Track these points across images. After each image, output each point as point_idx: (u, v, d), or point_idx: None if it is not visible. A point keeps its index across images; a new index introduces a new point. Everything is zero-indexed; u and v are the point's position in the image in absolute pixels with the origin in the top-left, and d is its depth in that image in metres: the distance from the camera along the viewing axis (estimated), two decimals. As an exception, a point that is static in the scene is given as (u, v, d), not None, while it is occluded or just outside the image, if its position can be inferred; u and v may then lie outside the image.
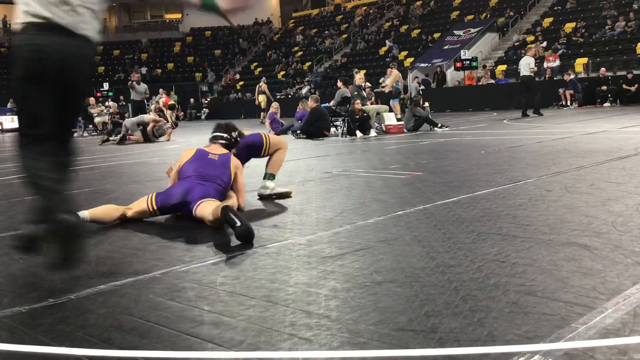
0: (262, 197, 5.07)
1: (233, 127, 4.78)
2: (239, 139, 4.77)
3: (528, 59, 16.28)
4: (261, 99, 22.87)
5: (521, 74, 16.45)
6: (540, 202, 4.26)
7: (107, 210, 4.26)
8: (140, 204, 4.29)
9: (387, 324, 2.14)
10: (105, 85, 28.56)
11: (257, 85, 23.83)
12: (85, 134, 20.02)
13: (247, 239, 3.47)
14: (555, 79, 21.52)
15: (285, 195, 5.08)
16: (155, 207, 4.23)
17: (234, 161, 4.52)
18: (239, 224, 3.45)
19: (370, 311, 2.27)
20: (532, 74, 16.36)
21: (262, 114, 22.22)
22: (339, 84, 14.71)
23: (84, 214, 4.09)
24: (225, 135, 4.69)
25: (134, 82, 16.47)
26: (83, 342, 2.11)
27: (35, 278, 3.00)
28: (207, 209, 3.91)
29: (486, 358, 1.85)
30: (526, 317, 2.14)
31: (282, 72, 33.48)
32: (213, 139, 4.68)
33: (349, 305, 2.35)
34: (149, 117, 14.82)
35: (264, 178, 5.13)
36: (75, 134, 16.37)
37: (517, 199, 4.40)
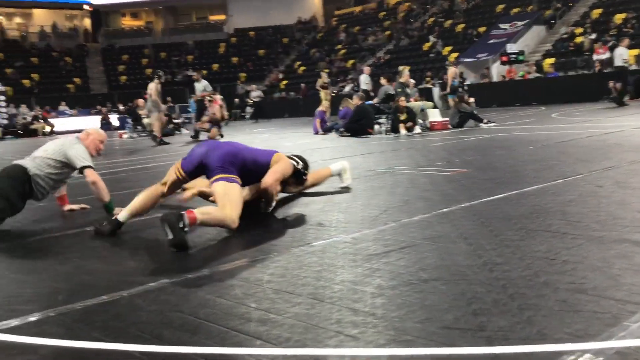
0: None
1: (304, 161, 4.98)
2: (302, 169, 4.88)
3: (622, 50, 16.33)
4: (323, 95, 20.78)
5: (615, 64, 16.54)
6: (591, 198, 4.17)
7: (143, 200, 4.21)
8: (169, 175, 4.26)
9: (434, 322, 2.13)
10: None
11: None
12: (135, 134, 20.46)
13: (178, 249, 3.44)
14: (605, 71, 20.92)
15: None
16: (182, 173, 4.21)
17: (279, 155, 4.56)
18: (170, 237, 3.40)
19: (416, 309, 2.27)
20: (626, 64, 16.37)
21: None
22: (383, 80, 14.66)
23: (123, 215, 4.12)
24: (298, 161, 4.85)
25: (194, 82, 16.77)
26: (136, 339, 2.17)
27: (89, 276, 3.09)
28: (217, 193, 3.97)
29: (535, 357, 1.82)
30: (577, 315, 2.10)
31: (326, 71, 33.49)
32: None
33: (395, 303, 2.35)
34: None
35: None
36: (125, 135, 16.88)
37: (567, 195, 4.31)
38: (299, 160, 4.85)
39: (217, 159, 4.07)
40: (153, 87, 14.84)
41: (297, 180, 4.91)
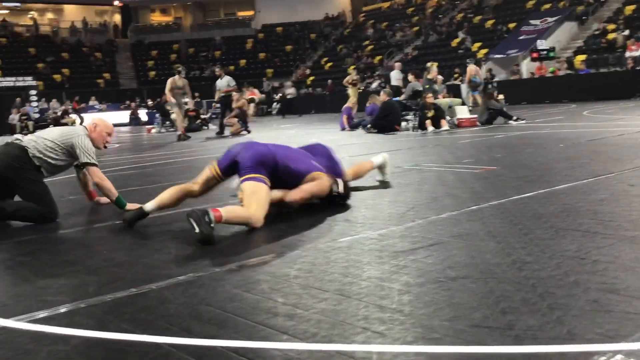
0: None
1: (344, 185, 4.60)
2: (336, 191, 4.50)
3: None
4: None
5: None
6: (622, 197, 4.09)
7: (172, 194, 4.25)
8: (204, 173, 4.29)
9: (462, 320, 2.11)
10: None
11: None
12: (163, 129, 20.66)
13: (205, 244, 3.48)
14: (637, 68, 20.54)
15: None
16: (218, 171, 4.23)
17: (319, 174, 4.36)
18: (196, 230, 3.46)
19: (444, 307, 2.25)
20: None
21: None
22: (410, 77, 14.58)
23: (150, 206, 4.16)
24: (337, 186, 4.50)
25: (217, 78, 16.54)
26: (164, 331, 2.19)
27: (118, 268, 3.14)
28: (245, 191, 3.99)
29: (566, 357, 1.80)
30: (608, 315, 2.07)
31: (353, 67, 33.43)
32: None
33: (423, 301, 2.34)
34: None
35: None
36: (154, 130, 17.09)
37: (598, 194, 4.24)
38: (340, 186, 4.51)
39: (248, 158, 4.08)
40: (168, 83, 15.13)
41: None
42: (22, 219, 4.50)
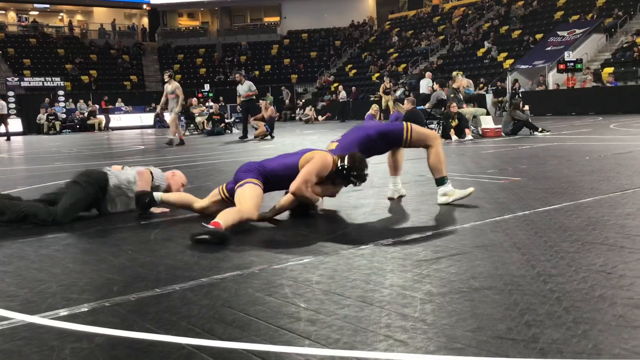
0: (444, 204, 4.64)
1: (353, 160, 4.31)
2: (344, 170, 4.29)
3: None
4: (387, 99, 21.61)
5: None
6: (650, 212, 4.03)
7: (181, 197, 4.74)
8: (213, 195, 4.57)
9: (485, 331, 2.10)
10: (206, 87, 29.65)
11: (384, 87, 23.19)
12: (187, 132, 20.83)
13: (221, 243, 3.63)
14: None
15: (468, 194, 4.63)
16: (226, 193, 4.45)
17: (311, 154, 4.30)
18: (208, 237, 3.63)
19: (467, 317, 2.24)
20: None
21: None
22: (435, 86, 14.53)
23: (158, 195, 4.65)
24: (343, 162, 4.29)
25: (238, 84, 16.54)
26: (187, 332, 2.21)
27: (142, 269, 3.16)
28: (239, 197, 4.14)
29: (591, 372, 1.78)
30: (634, 331, 2.04)
31: (377, 74, 33.41)
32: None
33: (445, 310, 2.33)
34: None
35: (437, 184, 4.72)
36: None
37: (625, 208, 4.18)
38: (347, 159, 4.25)
39: (239, 173, 4.33)
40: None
41: (344, 180, 4.32)
42: (32, 217, 4.51)
